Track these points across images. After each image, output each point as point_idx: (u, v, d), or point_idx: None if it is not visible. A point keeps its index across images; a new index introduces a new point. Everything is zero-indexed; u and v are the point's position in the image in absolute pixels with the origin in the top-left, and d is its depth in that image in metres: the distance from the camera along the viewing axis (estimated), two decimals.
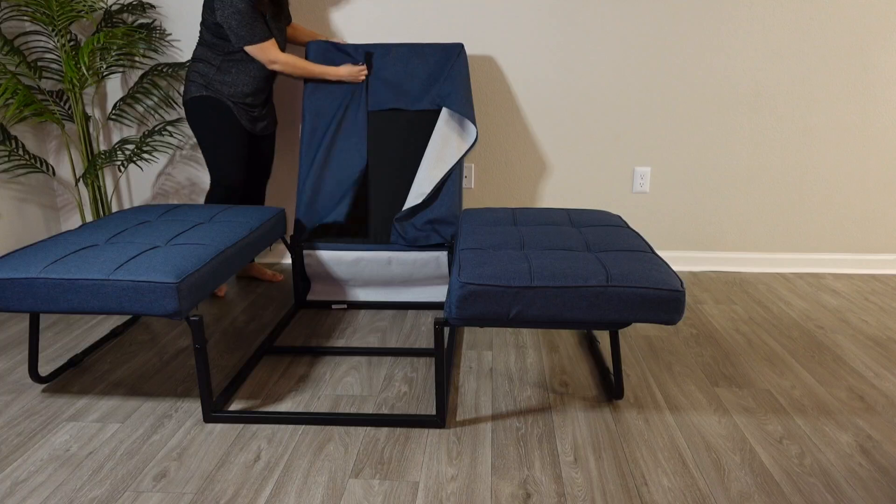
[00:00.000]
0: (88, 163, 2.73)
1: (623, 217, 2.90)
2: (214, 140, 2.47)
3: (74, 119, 2.72)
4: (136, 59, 2.87)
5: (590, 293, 1.55)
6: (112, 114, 2.87)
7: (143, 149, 2.78)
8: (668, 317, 1.56)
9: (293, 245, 2.48)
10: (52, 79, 2.78)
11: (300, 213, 2.48)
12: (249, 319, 2.49)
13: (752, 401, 1.86)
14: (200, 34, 2.43)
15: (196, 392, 1.92)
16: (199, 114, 2.45)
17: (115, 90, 2.94)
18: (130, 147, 2.87)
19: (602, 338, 2.30)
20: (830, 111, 2.82)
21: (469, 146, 2.48)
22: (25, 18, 2.74)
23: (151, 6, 2.79)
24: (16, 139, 2.70)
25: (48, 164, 2.85)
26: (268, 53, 2.37)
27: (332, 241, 2.48)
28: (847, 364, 2.09)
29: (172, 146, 3.00)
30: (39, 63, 2.84)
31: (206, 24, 2.38)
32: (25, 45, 2.82)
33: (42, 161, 2.80)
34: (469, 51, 2.82)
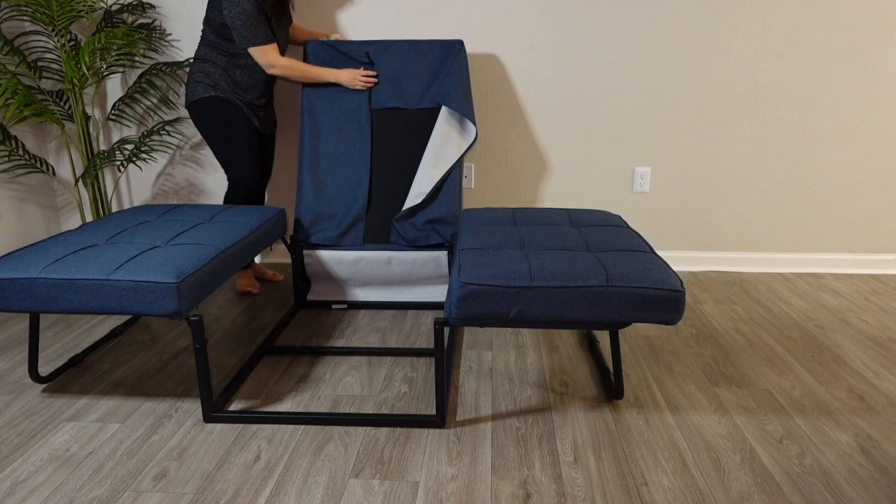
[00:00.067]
0: (88, 163, 2.73)
1: (623, 217, 2.90)
2: (230, 140, 2.45)
3: (74, 119, 2.72)
4: (136, 59, 2.87)
5: (590, 293, 1.55)
6: (112, 114, 2.87)
7: (143, 149, 2.78)
8: (668, 317, 1.56)
9: (293, 245, 2.48)
10: (52, 79, 2.77)
11: (299, 214, 2.48)
12: (249, 319, 2.49)
13: (752, 401, 1.86)
14: (203, 34, 2.41)
15: (196, 392, 1.92)
16: (210, 115, 2.42)
17: (115, 90, 2.94)
18: (130, 147, 2.87)
19: (602, 338, 2.30)
20: (830, 111, 2.82)
21: (469, 145, 2.47)
22: (25, 18, 2.74)
23: (151, 6, 2.79)
24: (16, 139, 2.70)
25: (48, 164, 2.85)
26: (267, 57, 2.37)
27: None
28: (847, 364, 2.09)
29: (172, 146, 3.00)
30: (39, 63, 2.84)
31: (212, 24, 2.37)
32: (25, 45, 2.82)
33: (42, 161, 2.80)
34: (469, 49, 2.81)
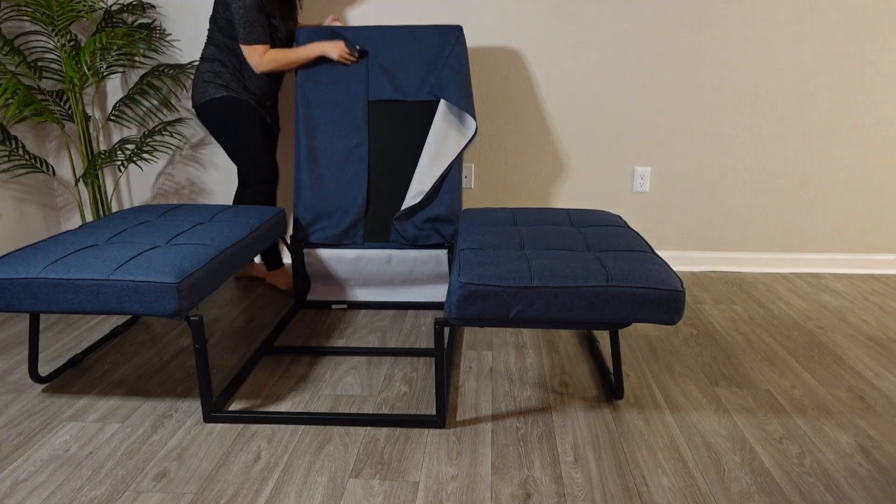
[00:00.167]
0: (88, 163, 2.73)
1: (623, 217, 2.89)
2: (248, 140, 2.45)
3: (74, 119, 2.72)
4: (137, 60, 2.87)
5: (590, 293, 1.55)
6: (112, 114, 2.87)
7: (143, 149, 2.78)
8: (668, 317, 1.56)
9: (293, 244, 2.48)
10: (52, 79, 2.77)
11: (298, 212, 2.47)
12: (249, 319, 2.49)
13: (752, 401, 1.86)
14: (210, 33, 2.40)
15: (196, 392, 1.92)
16: (224, 115, 2.41)
17: (115, 90, 2.94)
18: (130, 147, 2.87)
19: (602, 338, 2.30)
20: (830, 111, 2.82)
21: (468, 140, 2.41)
22: (25, 18, 2.74)
23: (151, 6, 2.79)
24: (16, 139, 2.70)
25: (48, 164, 2.85)
26: (255, 56, 2.34)
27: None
28: (847, 364, 2.09)
29: (172, 146, 2.99)
30: (39, 63, 2.84)
31: (219, 23, 2.35)
32: (25, 45, 2.82)
33: (42, 161, 2.80)
34: (469, 44, 2.80)
